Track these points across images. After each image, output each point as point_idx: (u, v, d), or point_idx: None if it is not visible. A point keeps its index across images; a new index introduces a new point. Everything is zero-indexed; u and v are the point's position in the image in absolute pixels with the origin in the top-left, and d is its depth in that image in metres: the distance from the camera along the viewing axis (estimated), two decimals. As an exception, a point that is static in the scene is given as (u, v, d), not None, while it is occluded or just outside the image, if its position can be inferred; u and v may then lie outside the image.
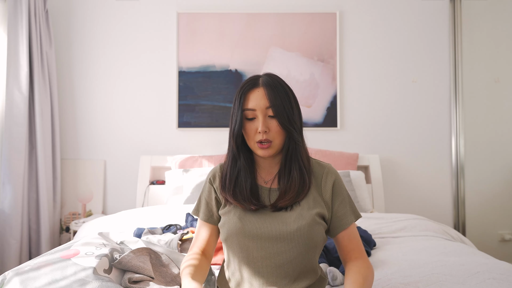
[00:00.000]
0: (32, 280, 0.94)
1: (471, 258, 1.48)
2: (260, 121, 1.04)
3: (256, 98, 1.06)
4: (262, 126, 1.04)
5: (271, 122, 1.05)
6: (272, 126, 1.05)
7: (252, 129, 1.06)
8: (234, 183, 1.09)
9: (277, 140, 1.06)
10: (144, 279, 1.06)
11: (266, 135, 1.05)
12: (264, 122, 1.04)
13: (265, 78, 1.08)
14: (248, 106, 1.06)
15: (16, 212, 2.55)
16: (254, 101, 1.06)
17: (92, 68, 3.02)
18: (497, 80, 3.06)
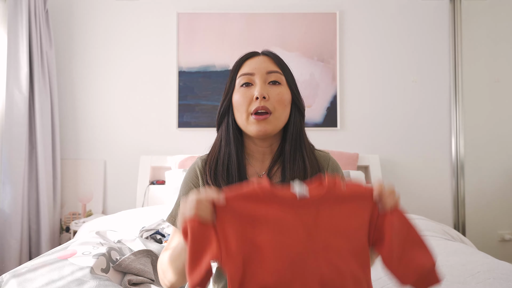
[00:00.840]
0: (29, 281, 0.94)
1: (472, 258, 1.48)
2: (258, 85, 0.89)
3: (255, 62, 0.92)
4: (260, 90, 0.87)
5: (272, 89, 0.90)
6: (273, 93, 0.89)
7: (247, 97, 0.89)
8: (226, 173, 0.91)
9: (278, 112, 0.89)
10: (145, 281, 1.06)
11: (264, 102, 0.87)
12: (263, 87, 0.89)
13: (265, 50, 0.98)
14: (244, 70, 0.91)
15: (16, 212, 2.55)
16: (252, 65, 0.92)
17: (92, 68, 3.02)
18: (497, 80, 3.05)
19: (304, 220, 0.71)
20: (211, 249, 0.67)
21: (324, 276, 0.70)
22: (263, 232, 0.70)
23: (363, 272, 0.73)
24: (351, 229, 0.73)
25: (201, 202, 0.67)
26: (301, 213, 0.72)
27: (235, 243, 0.68)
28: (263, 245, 0.69)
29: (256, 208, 0.71)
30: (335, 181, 0.75)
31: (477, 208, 3.02)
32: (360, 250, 0.73)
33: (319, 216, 0.72)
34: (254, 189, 0.72)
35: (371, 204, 0.76)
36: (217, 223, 0.69)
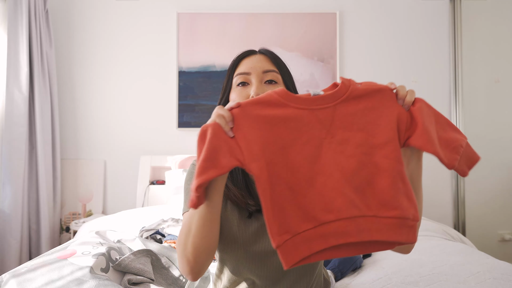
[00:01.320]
0: (29, 281, 0.94)
1: (472, 258, 1.48)
2: (254, 85, 0.89)
3: (251, 61, 0.93)
4: (255, 89, 0.87)
5: (268, 88, 0.89)
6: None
7: (243, 96, 0.88)
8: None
9: None
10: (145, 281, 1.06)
11: None
12: (259, 86, 0.88)
13: (262, 48, 0.97)
14: (241, 70, 0.91)
15: (16, 212, 2.55)
16: (248, 64, 0.92)
17: (92, 68, 3.02)
18: (497, 80, 3.05)
19: (321, 118, 0.72)
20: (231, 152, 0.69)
21: (344, 167, 0.70)
22: (282, 133, 0.71)
23: (391, 164, 0.71)
24: (371, 124, 0.73)
25: (220, 111, 0.70)
26: (317, 113, 0.73)
27: (256, 145, 0.70)
28: (284, 145, 0.71)
29: (273, 111, 0.72)
30: (350, 79, 0.76)
31: (477, 208, 3.02)
32: (384, 142, 0.72)
33: (336, 113, 0.73)
34: (270, 94, 0.74)
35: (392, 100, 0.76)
36: (236, 129, 0.71)
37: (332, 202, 0.68)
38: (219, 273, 0.99)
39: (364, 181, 0.70)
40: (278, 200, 0.68)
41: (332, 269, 1.40)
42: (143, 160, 2.91)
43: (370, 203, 0.69)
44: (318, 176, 0.70)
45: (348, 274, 1.46)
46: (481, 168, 3.03)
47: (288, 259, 0.67)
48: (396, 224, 0.68)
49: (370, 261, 1.59)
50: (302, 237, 0.67)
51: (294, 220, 0.68)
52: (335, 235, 0.67)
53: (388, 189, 0.69)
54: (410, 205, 0.69)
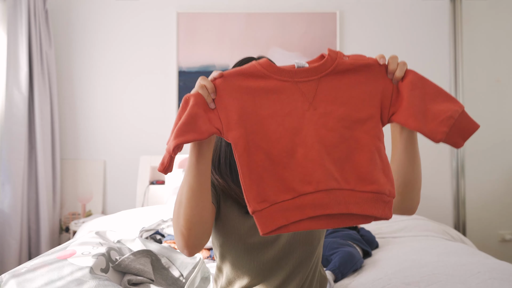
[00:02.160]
0: (28, 281, 0.94)
1: (472, 258, 1.48)
2: None
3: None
4: None
5: None
6: None
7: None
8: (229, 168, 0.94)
9: None
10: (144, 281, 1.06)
11: None
12: None
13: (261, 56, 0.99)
14: None
15: (16, 212, 2.55)
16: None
17: (92, 68, 3.02)
18: (498, 80, 3.05)
19: (303, 91, 0.73)
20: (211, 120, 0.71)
21: (325, 140, 0.71)
22: (263, 104, 0.72)
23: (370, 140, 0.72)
24: (354, 99, 0.73)
25: (203, 82, 0.73)
26: (301, 85, 0.73)
27: (236, 115, 0.71)
28: (265, 115, 0.72)
29: (256, 82, 0.73)
30: (337, 52, 0.76)
31: (477, 208, 3.02)
32: (365, 118, 0.72)
33: (320, 87, 0.73)
34: (253, 65, 0.74)
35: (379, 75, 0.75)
36: (217, 98, 0.72)
37: (311, 174, 0.69)
38: (219, 272, 1.04)
39: (344, 154, 0.71)
40: (256, 169, 0.70)
41: (332, 270, 1.40)
42: (143, 160, 2.91)
43: (348, 177, 0.70)
44: (299, 148, 0.71)
45: (349, 275, 1.46)
46: (481, 168, 3.03)
47: (264, 226, 0.68)
48: (372, 199, 0.69)
49: (370, 261, 1.59)
50: (280, 206, 0.69)
51: (272, 189, 0.69)
52: (312, 207, 0.68)
53: (366, 164, 0.70)
54: (386, 181, 0.70)
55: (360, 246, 1.66)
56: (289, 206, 0.69)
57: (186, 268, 1.17)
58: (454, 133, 0.71)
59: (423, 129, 0.70)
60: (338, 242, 1.62)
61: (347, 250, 1.52)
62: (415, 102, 0.72)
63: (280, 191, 0.69)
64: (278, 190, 0.69)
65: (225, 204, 0.95)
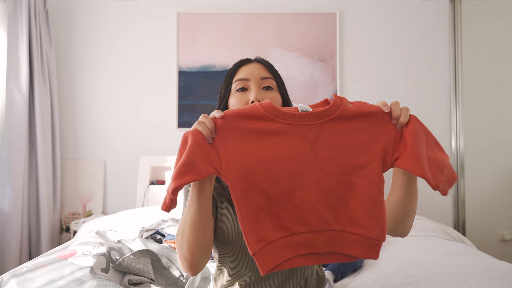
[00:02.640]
0: (29, 281, 0.95)
1: (472, 258, 1.48)
2: (253, 90, 0.95)
3: (249, 69, 0.98)
4: (255, 94, 0.94)
5: (266, 94, 0.96)
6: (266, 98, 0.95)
7: (242, 101, 0.95)
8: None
9: None
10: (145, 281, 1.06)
11: None
12: (257, 92, 0.95)
13: (258, 57, 1.04)
14: (239, 76, 0.97)
15: (16, 212, 2.55)
16: (246, 71, 0.98)
17: (92, 68, 3.02)
18: (497, 80, 3.05)
19: (306, 135, 0.74)
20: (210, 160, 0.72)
21: (322, 184, 0.73)
22: (265, 146, 0.74)
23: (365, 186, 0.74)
24: (355, 145, 0.75)
25: (204, 120, 0.73)
26: (303, 129, 0.75)
27: (236, 156, 0.72)
28: (266, 157, 0.73)
29: (258, 124, 0.74)
30: (342, 98, 0.77)
31: (477, 208, 3.02)
32: (364, 164, 0.74)
33: (322, 131, 0.75)
34: (255, 107, 0.76)
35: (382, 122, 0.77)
36: (217, 138, 0.73)
37: (305, 216, 0.73)
38: (219, 271, 1.04)
39: (339, 198, 0.74)
40: (254, 210, 0.72)
41: (332, 270, 1.40)
42: (143, 160, 2.91)
43: (340, 219, 0.74)
44: (297, 190, 0.73)
45: (348, 274, 1.46)
46: (481, 168, 3.04)
47: (263, 266, 0.71)
48: (358, 241, 0.73)
49: (370, 261, 1.59)
50: (275, 245, 0.72)
51: (268, 228, 0.72)
52: (303, 245, 0.73)
53: (358, 209, 0.73)
54: (376, 226, 0.73)
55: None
56: (283, 244, 0.72)
57: (186, 268, 1.17)
58: (445, 181, 0.75)
59: (428, 177, 0.72)
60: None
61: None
62: (419, 149, 0.74)
63: (275, 229, 0.72)
64: (273, 229, 0.72)
65: (221, 206, 0.97)
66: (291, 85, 2.99)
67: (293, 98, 3.03)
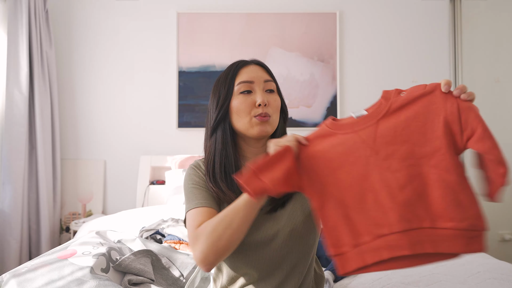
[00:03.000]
0: (29, 281, 0.95)
1: (472, 258, 1.48)
2: (258, 93, 0.97)
3: (251, 71, 0.99)
4: (262, 97, 0.95)
5: (270, 96, 0.98)
6: (271, 100, 0.98)
7: (248, 103, 0.96)
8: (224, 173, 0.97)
9: (275, 116, 0.99)
10: (145, 281, 1.07)
11: (266, 109, 0.96)
12: (263, 95, 0.97)
13: (254, 60, 1.05)
14: (243, 78, 0.98)
15: (16, 212, 2.55)
16: (249, 73, 0.99)
17: (92, 68, 3.02)
18: (497, 80, 3.05)
19: (363, 138, 0.77)
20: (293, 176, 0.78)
21: (391, 182, 0.72)
22: (333, 158, 0.78)
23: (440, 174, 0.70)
24: (415, 134, 0.73)
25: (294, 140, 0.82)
26: (360, 133, 0.77)
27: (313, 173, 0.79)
28: (334, 167, 0.77)
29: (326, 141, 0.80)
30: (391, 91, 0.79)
31: (477, 208, 3.02)
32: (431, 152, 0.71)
33: (378, 130, 0.76)
34: (323, 127, 0.82)
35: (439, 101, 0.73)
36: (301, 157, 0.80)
37: (382, 217, 0.72)
38: (218, 271, 1.04)
39: (415, 194, 0.71)
40: (332, 218, 0.75)
41: (332, 270, 1.40)
42: (143, 160, 2.91)
43: (423, 215, 0.70)
44: (368, 193, 0.74)
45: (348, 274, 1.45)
46: (481, 168, 3.03)
47: (342, 268, 0.74)
48: (454, 235, 0.67)
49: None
50: (358, 250, 0.73)
51: (348, 235, 0.74)
52: (387, 248, 0.70)
53: (440, 200, 0.69)
54: (468, 215, 0.68)
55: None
56: (366, 249, 0.72)
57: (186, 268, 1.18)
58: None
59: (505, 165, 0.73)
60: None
61: (347, 250, 1.51)
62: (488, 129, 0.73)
63: (356, 235, 0.73)
64: (353, 235, 0.73)
65: (222, 207, 0.97)
66: (291, 85, 2.99)
67: (293, 98, 3.04)
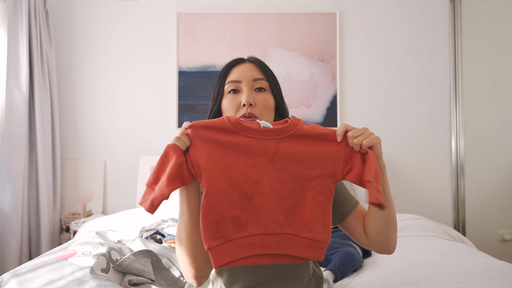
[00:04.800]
0: (29, 281, 0.94)
1: (472, 258, 1.48)
2: (244, 92, 0.95)
3: (241, 70, 0.98)
4: (246, 97, 0.94)
5: (258, 96, 0.96)
6: (259, 100, 0.96)
7: (234, 103, 0.96)
8: None
9: (263, 117, 0.96)
10: (145, 281, 1.06)
11: (251, 109, 0.94)
12: (249, 94, 0.95)
13: (251, 57, 1.03)
14: (232, 78, 0.97)
15: (16, 212, 2.55)
16: (239, 72, 0.98)
17: (92, 68, 3.02)
18: (497, 80, 3.05)
19: (266, 148, 0.84)
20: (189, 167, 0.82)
21: (278, 191, 0.82)
22: (230, 154, 0.83)
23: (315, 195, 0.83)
24: (308, 159, 0.85)
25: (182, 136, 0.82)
26: (264, 143, 0.85)
27: (206, 161, 0.82)
28: (231, 164, 0.83)
29: (225, 136, 0.84)
30: (299, 120, 0.89)
31: (477, 208, 3.02)
32: (315, 176, 0.84)
33: (280, 146, 0.85)
34: (223, 120, 0.86)
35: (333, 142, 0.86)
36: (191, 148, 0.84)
37: (262, 219, 0.81)
38: (216, 274, 1.03)
39: (292, 205, 0.83)
40: (218, 210, 0.80)
41: (332, 270, 1.41)
42: (143, 160, 2.91)
43: (292, 224, 0.82)
44: (256, 195, 0.82)
45: (348, 274, 1.46)
46: (481, 168, 3.04)
47: (217, 260, 0.79)
48: (308, 244, 0.81)
49: (370, 261, 1.59)
50: (233, 244, 0.79)
51: (229, 228, 0.80)
52: (259, 246, 0.80)
53: (309, 215, 0.82)
54: (324, 230, 0.82)
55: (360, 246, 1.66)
56: (240, 244, 0.80)
57: (186, 268, 1.17)
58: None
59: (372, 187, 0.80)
60: (338, 242, 1.62)
61: (347, 250, 1.52)
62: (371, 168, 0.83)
63: (235, 230, 0.80)
64: (233, 229, 0.80)
65: None
66: (291, 85, 3.00)
67: (293, 98, 3.03)
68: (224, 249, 0.79)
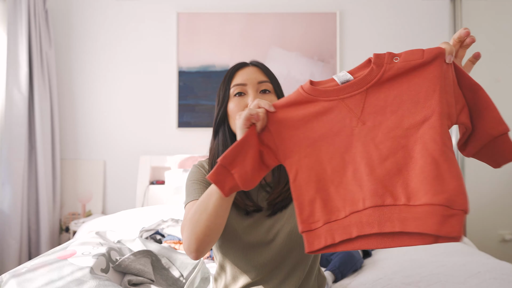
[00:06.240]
0: (29, 281, 0.94)
1: (472, 258, 1.48)
2: (251, 95, 0.97)
3: (246, 73, 1.00)
4: (253, 99, 0.95)
5: (263, 98, 0.98)
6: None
7: (241, 106, 0.97)
8: None
9: None
10: (145, 281, 1.06)
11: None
12: (255, 96, 0.96)
13: (253, 61, 1.05)
14: (237, 81, 0.99)
15: (16, 212, 2.55)
16: (243, 75, 0.99)
17: (92, 68, 3.02)
18: (498, 80, 3.05)
19: (351, 107, 0.71)
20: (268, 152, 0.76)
21: (372, 155, 0.67)
22: (314, 127, 0.73)
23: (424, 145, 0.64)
24: (406, 103, 0.67)
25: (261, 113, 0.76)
26: (347, 101, 0.72)
27: (290, 143, 0.74)
28: (316, 138, 0.73)
29: (305, 109, 0.75)
30: (384, 55, 0.70)
31: (477, 208, 3.02)
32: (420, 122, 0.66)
33: (367, 98, 0.70)
34: (298, 92, 0.76)
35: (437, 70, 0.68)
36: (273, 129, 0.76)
37: (358, 192, 0.67)
38: (220, 271, 1.05)
39: (395, 167, 0.65)
40: (309, 191, 0.71)
41: (332, 270, 1.40)
42: (142, 160, 2.91)
43: (398, 192, 0.64)
44: (349, 166, 0.69)
45: (349, 275, 1.46)
46: (481, 168, 3.03)
47: (311, 245, 0.70)
48: (426, 212, 0.60)
49: (370, 261, 1.59)
50: (329, 226, 0.68)
51: (321, 210, 0.70)
52: (358, 225, 0.65)
53: (419, 174, 0.63)
54: (445, 189, 0.60)
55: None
56: (337, 226, 0.68)
57: (186, 269, 1.17)
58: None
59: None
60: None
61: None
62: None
63: (331, 211, 0.69)
64: (330, 210, 0.69)
65: None
66: (291, 85, 2.99)
67: (293, 98, 3.03)
68: (320, 233, 0.69)
